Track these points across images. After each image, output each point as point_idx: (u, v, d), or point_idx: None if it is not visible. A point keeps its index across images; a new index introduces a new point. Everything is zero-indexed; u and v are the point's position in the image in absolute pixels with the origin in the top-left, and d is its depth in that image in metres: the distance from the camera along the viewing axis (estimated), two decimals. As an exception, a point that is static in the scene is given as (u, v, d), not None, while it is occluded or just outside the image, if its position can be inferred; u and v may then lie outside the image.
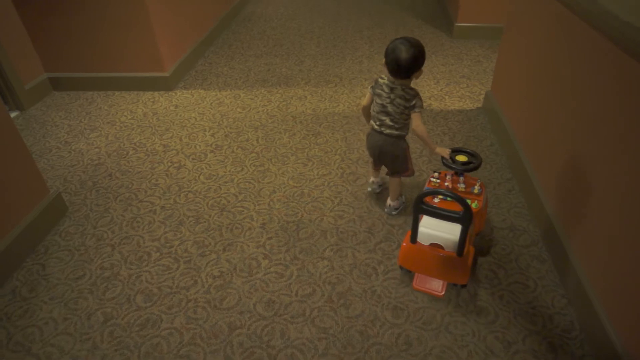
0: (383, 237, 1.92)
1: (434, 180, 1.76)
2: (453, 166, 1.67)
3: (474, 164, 1.66)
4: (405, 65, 1.67)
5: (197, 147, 2.61)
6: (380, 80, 1.80)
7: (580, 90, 1.61)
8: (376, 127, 1.85)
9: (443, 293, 1.63)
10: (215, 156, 2.52)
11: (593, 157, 1.50)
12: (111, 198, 2.23)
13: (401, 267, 1.71)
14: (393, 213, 2.05)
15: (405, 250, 1.63)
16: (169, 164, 2.47)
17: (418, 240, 1.61)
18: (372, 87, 1.85)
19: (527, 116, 2.14)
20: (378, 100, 1.81)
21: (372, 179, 2.15)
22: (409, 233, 1.62)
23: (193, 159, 2.51)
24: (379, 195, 2.16)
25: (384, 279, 1.73)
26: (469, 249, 1.59)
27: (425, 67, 3.19)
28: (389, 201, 2.04)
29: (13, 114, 3.00)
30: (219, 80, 3.38)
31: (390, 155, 1.89)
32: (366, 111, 1.94)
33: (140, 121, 2.89)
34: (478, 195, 1.70)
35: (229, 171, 2.39)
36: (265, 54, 3.82)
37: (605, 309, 1.40)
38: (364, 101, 1.91)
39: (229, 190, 2.25)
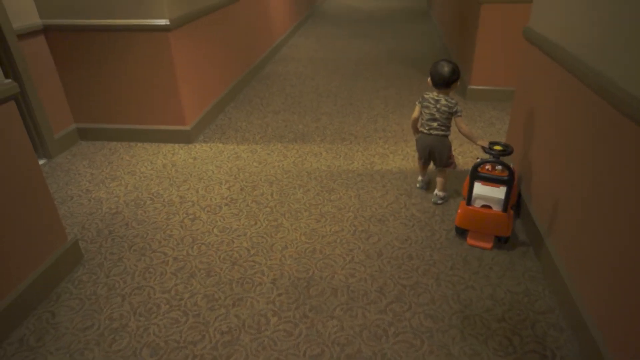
0: (394, 298, 1.89)
1: (475, 164, 2.16)
2: (492, 152, 2.14)
3: (507, 151, 2.14)
4: (447, 77, 2.30)
5: (213, 199, 2.66)
6: (426, 95, 2.40)
7: (591, 156, 1.63)
8: (425, 131, 2.43)
9: (491, 246, 2.17)
10: (230, 209, 2.56)
11: (606, 218, 1.49)
12: (126, 247, 2.26)
13: (457, 228, 2.26)
14: (439, 202, 2.55)
15: (462, 213, 2.18)
16: (184, 215, 2.52)
17: (472, 203, 2.16)
18: (419, 102, 2.43)
19: (540, 179, 2.15)
20: (426, 111, 2.40)
21: (420, 177, 2.69)
22: (462, 203, 2.21)
23: (208, 211, 2.55)
24: (392, 253, 2.15)
25: (395, 342, 1.68)
26: (509, 211, 2.12)
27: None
28: (436, 191, 2.55)
29: (41, 162, 3.12)
30: (238, 135, 3.50)
31: (439, 151, 2.44)
32: (415, 123, 2.50)
33: (160, 172, 2.98)
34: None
35: (243, 225, 2.42)
36: (284, 110, 3.96)
37: (626, 386, 1.33)
38: (415, 114, 2.47)
39: (242, 244, 2.27)
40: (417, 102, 2.46)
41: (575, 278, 1.73)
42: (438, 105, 2.35)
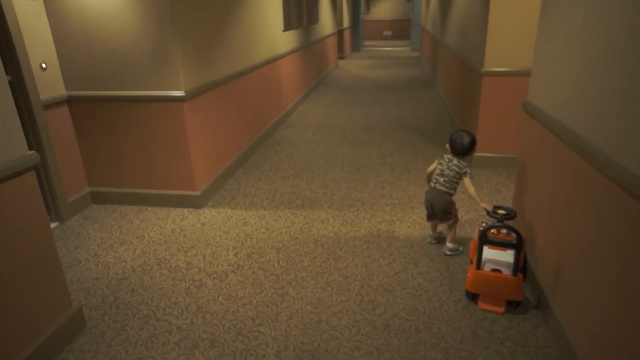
0: (402, 374, 1.83)
1: (482, 228, 2.22)
2: (496, 216, 2.20)
3: (511, 215, 2.20)
4: (467, 147, 2.54)
5: (219, 266, 2.66)
6: (445, 155, 2.64)
7: (589, 224, 1.63)
8: (432, 184, 2.66)
9: (503, 310, 2.17)
10: (236, 276, 2.55)
11: (608, 283, 1.46)
12: (130, 315, 2.24)
13: (467, 293, 2.28)
14: (447, 253, 2.69)
15: (471, 277, 2.19)
16: (190, 282, 2.51)
17: (482, 267, 2.17)
18: (437, 159, 2.66)
19: (544, 244, 2.14)
20: (439, 167, 2.63)
21: (430, 232, 2.85)
22: (471, 267, 2.23)
23: (214, 278, 2.54)
24: (400, 325, 2.10)
25: None
26: (519, 274, 2.13)
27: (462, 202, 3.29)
28: (446, 243, 2.71)
29: (53, 225, 3.18)
30: (246, 200, 3.55)
31: (438, 205, 2.62)
32: (428, 176, 2.72)
33: (168, 237, 3.01)
34: None
35: (248, 293, 2.40)
36: (292, 176, 4.04)
37: None
38: (430, 168, 2.70)
39: (247, 313, 2.24)
40: (436, 159, 2.69)
41: (581, 342, 1.67)
42: (450, 164, 2.58)
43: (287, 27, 6.00)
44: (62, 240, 2.98)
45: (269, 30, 5.18)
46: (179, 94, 3.11)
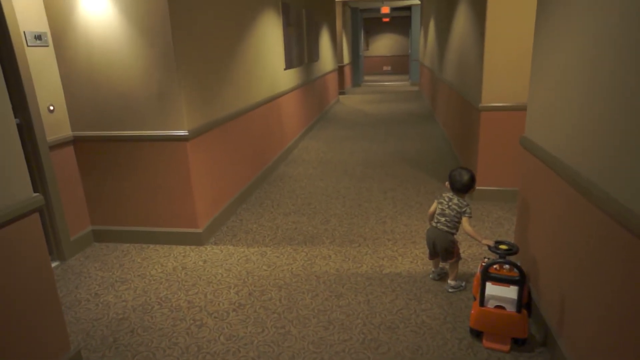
0: (407, 417, 1.78)
1: (485, 264, 2.20)
2: (497, 252, 2.20)
3: (512, 250, 2.20)
4: (466, 184, 2.57)
5: (221, 304, 2.64)
6: (444, 194, 2.65)
7: (591, 264, 1.63)
8: (434, 224, 2.67)
9: (508, 348, 2.13)
10: (238, 315, 2.53)
11: (621, 327, 1.44)
12: (129, 357, 2.20)
13: (471, 330, 2.24)
14: (450, 290, 2.67)
15: (475, 314, 2.18)
16: (191, 321, 2.49)
17: (485, 304, 2.16)
18: (437, 199, 2.68)
19: (547, 279, 2.12)
20: (439, 206, 2.64)
21: (433, 269, 2.84)
22: (475, 304, 2.21)
23: (215, 317, 2.52)
24: (402, 366, 2.07)
25: None
26: (523, 311, 2.11)
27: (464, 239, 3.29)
28: (449, 280, 2.70)
29: (54, 264, 3.18)
30: (248, 237, 3.55)
31: (441, 245, 2.63)
32: (431, 216, 2.72)
33: (169, 275, 3.00)
34: None
35: (250, 332, 2.37)
36: (294, 212, 4.06)
37: None
38: (431, 209, 2.71)
39: (248, 353, 2.21)
40: (435, 199, 2.71)
41: (598, 397, 1.63)
42: (450, 203, 2.60)
43: (289, 65, 6.16)
44: (63, 280, 2.98)
45: (270, 69, 5.33)
46: (183, 134, 3.18)
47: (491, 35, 3.80)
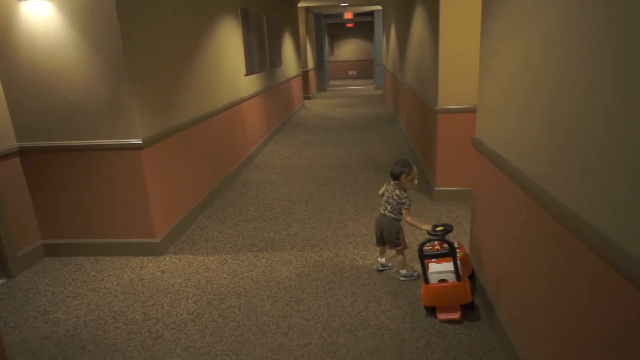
0: (364, 420, 1.78)
1: (427, 248, 2.49)
2: (434, 233, 2.44)
3: (447, 229, 2.44)
4: (394, 173, 2.72)
5: (178, 315, 2.57)
6: (391, 182, 2.78)
7: (519, 242, 1.68)
8: (382, 210, 2.83)
9: (459, 315, 2.37)
10: (195, 325, 2.47)
11: (543, 296, 1.49)
12: (79, 375, 2.11)
13: (425, 308, 2.45)
14: (401, 279, 2.82)
15: (424, 293, 2.40)
16: (147, 334, 2.41)
17: (430, 281, 2.39)
18: (386, 184, 2.82)
19: (491, 265, 2.17)
20: (386, 193, 2.80)
21: (378, 259, 2.97)
22: (422, 284, 2.43)
23: (172, 328, 2.45)
24: (361, 368, 2.06)
25: None
26: (465, 279, 2.40)
27: (410, 229, 3.35)
28: (400, 270, 2.83)
29: None
30: (208, 245, 3.49)
31: (387, 231, 2.78)
32: (381, 196, 2.88)
33: (125, 287, 2.90)
34: (458, 248, 2.58)
35: (207, 342, 2.32)
36: (256, 218, 4.01)
37: None
38: (381, 190, 2.88)
39: (204, 364, 2.15)
40: (385, 184, 2.87)
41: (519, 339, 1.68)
42: (393, 194, 2.77)
43: (250, 71, 6.12)
44: (8, 299, 2.83)
45: (230, 75, 5.27)
46: (136, 142, 3.09)
47: (445, 40, 3.89)
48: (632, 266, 1.08)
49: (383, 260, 2.95)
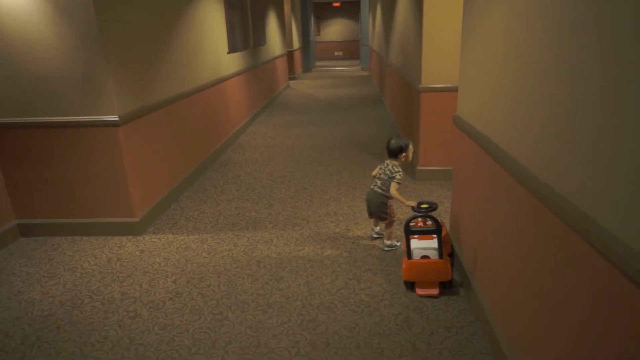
0: (340, 394, 1.79)
1: (412, 224, 2.50)
2: (420, 211, 2.47)
3: (432, 207, 2.47)
4: (391, 149, 2.82)
5: (157, 294, 2.55)
6: (386, 160, 2.86)
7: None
8: (372, 186, 2.91)
9: (437, 291, 2.41)
10: (174, 304, 2.45)
11: (514, 270, 1.51)
12: (53, 355, 2.08)
13: (405, 283, 2.49)
14: (385, 249, 2.92)
15: (406, 268, 2.42)
16: (124, 313, 2.38)
17: (412, 256, 2.41)
18: (380, 165, 2.90)
19: (469, 241, 2.19)
20: (380, 171, 2.88)
21: (372, 227, 3.11)
22: (404, 258, 2.46)
23: (150, 307, 2.43)
24: (340, 342, 2.07)
25: None
26: (446, 257, 2.43)
27: (399, 204, 3.34)
28: (384, 240, 2.95)
29: (-27, 262, 2.95)
30: (189, 225, 3.45)
31: (375, 205, 2.89)
32: (373, 178, 2.95)
33: (103, 267, 2.86)
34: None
35: (186, 320, 2.31)
36: (237, 197, 3.98)
37: None
38: (374, 172, 2.94)
39: (183, 341, 2.14)
40: (379, 165, 2.93)
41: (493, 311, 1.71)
42: (385, 169, 2.83)
43: (232, 49, 5.99)
44: (-17, 278, 2.77)
45: (212, 52, 5.15)
46: (113, 119, 3.01)
47: (429, 18, 3.84)
48: (592, 229, 1.10)
49: (377, 229, 3.08)
